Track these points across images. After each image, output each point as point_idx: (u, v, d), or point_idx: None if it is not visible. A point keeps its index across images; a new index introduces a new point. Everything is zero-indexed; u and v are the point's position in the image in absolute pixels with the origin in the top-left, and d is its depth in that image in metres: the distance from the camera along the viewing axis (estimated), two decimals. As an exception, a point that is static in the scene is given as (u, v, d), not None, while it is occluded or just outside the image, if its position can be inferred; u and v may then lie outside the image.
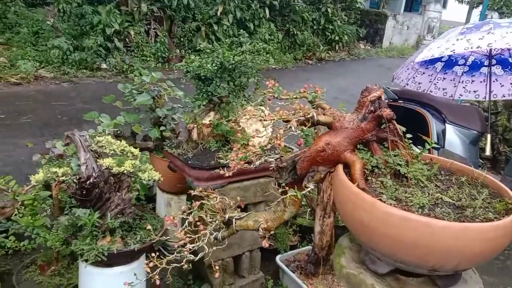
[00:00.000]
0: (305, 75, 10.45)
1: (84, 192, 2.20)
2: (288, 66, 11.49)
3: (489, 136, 4.01)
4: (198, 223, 1.69)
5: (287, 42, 12.46)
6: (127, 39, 9.19)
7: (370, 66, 12.84)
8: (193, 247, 1.57)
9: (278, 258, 2.94)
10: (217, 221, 1.63)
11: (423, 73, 4.53)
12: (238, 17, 10.86)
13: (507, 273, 3.17)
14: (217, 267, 1.63)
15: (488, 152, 4.00)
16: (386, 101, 4.39)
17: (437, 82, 4.57)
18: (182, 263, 1.59)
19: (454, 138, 4.05)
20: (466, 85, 4.59)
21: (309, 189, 1.62)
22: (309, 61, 12.61)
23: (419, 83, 4.54)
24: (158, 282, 1.57)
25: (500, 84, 4.44)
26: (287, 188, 1.68)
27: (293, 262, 2.99)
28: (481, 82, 4.51)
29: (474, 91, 4.57)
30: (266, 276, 2.91)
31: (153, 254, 1.62)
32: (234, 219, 1.68)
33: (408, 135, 1.68)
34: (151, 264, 1.60)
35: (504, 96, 4.50)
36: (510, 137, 5.33)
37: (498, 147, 5.20)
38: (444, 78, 4.59)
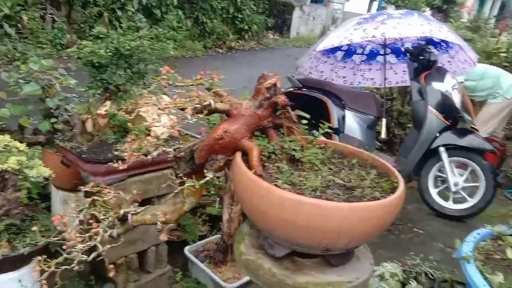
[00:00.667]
0: (215, 64, 10.38)
1: (-40, 194, 1.96)
2: (198, 55, 11.33)
3: (384, 120, 4.28)
4: (91, 221, 1.58)
5: (196, 30, 12.26)
6: (19, 25, 8.38)
7: (279, 55, 13.13)
8: (84, 247, 1.46)
9: (186, 249, 2.89)
10: (110, 218, 1.53)
11: (325, 62, 4.72)
12: (144, 3, 10.43)
13: (401, 247, 3.44)
14: (111, 267, 1.54)
15: (383, 135, 4.28)
16: (291, 89, 4.54)
17: (337, 71, 4.79)
18: (73, 265, 1.47)
19: (353, 123, 4.27)
20: (364, 73, 4.87)
21: (207, 178, 1.59)
22: (219, 49, 12.56)
23: (321, 71, 4.72)
24: (45, 287, 1.44)
25: (394, 71, 4.78)
26: (185, 178, 1.63)
27: (201, 252, 2.96)
28: (377, 70, 4.81)
29: (371, 79, 4.88)
30: (175, 269, 2.85)
31: (39, 258, 1.49)
32: (130, 214, 1.59)
33: (304, 121, 1.71)
34: (40, 267, 1.47)
35: (397, 83, 4.86)
36: (404, 121, 5.77)
37: (393, 131, 5.61)
38: (344, 67, 4.82)
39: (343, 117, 4.30)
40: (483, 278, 1.01)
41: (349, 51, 4.73)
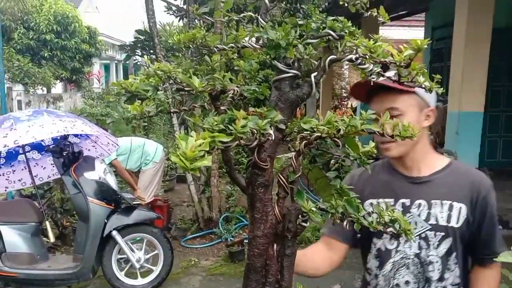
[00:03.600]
0: None
1: None
2: None
3: (47, 223, 3.99)
4: None
5: None
6: None
7: None
8: None
9: None
10: None
11: (-46, 177, 3.98)
12: None
13: None
14: None
15: (52, 238, 3.98)
16: None
17: (-25, 182, 4.15)
18: None
19: (14, 238, 3.79)
20: (8, 177, 4.41)
21: None
22: None
23: (-47, 189, 3.96)
24: None
25: (42, 167, 4.53)
26: None
27: None
28: (22, 169, 4.44)
29: (19, 180, 4.47)
30: None
31: None
32: None
33: None
34: None
35: (49, 177, 4.62)
36: (70, 206, 5.52)
37: (61, 223, 5.28)
38: (-18, 176, 4.22)
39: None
40: None
41: (-18, 159, 4.16)
